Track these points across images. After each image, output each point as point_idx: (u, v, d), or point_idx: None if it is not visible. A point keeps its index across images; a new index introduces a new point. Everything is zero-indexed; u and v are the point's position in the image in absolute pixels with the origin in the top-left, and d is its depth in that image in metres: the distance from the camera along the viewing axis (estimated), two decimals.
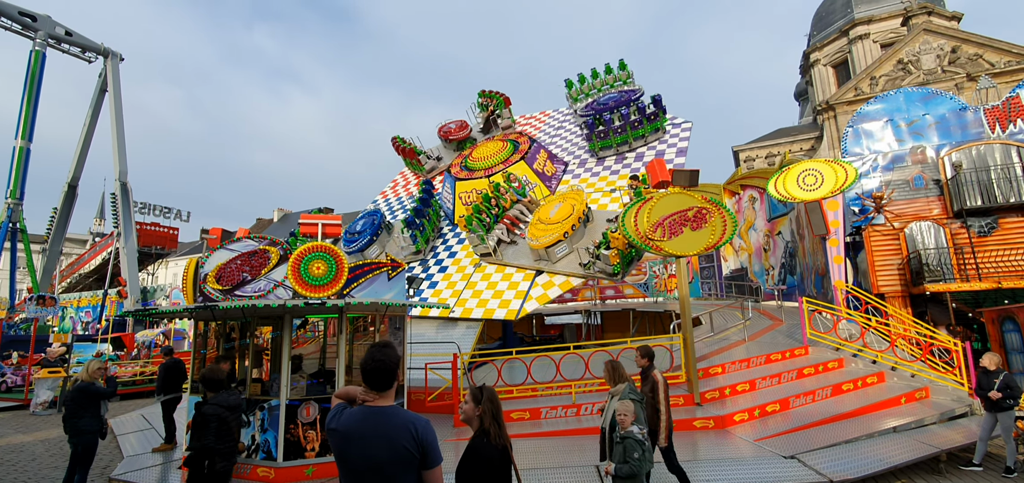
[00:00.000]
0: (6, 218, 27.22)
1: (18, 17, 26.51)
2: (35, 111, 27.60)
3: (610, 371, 5.60)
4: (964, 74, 33.16)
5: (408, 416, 2.73)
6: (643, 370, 6.49)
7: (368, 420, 2.66)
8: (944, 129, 15.41)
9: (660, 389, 6.07)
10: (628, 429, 4.72)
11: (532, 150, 15.70)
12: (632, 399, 5.05)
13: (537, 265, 12.50)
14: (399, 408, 2.77)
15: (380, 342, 2.82)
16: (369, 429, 2.64)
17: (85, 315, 32.11)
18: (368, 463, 2.60)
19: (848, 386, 10.01)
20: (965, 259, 13.82)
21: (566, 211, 12.62)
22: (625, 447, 4.64)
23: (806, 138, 43.67)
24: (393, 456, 2.59)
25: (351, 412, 2.74)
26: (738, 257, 22.73)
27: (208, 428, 5.38)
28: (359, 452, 2.62)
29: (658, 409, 6.00)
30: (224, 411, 5.46)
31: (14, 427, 12.67)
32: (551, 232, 12.29)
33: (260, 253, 8.54)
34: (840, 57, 43.80)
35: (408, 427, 2.66)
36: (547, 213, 13.05)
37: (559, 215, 12.64)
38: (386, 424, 2.64)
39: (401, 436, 2.61)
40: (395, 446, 2.60)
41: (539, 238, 12.36)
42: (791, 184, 13.95)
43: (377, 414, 2.68)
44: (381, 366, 2.71)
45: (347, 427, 2.68)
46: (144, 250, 34.87)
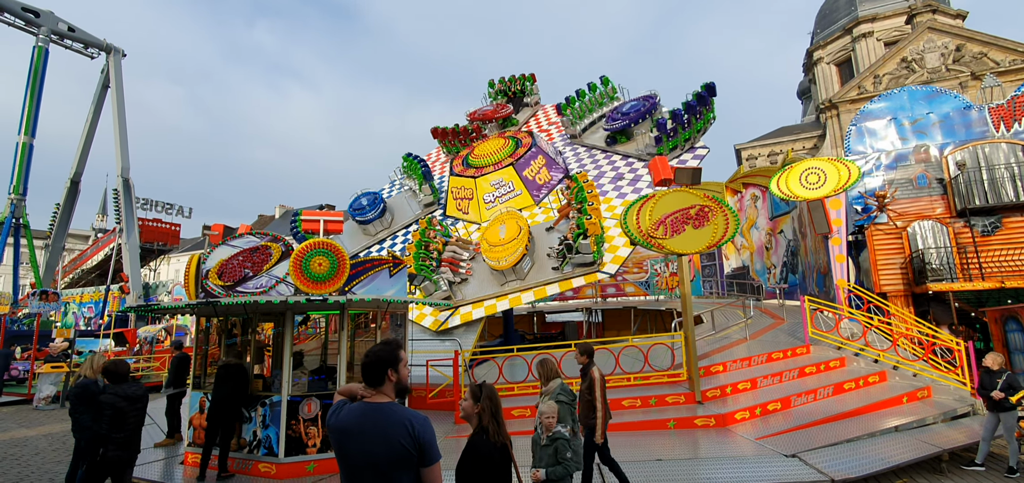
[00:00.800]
0: (9, 214, 27.29)
1: (21, 13, 26.53)
2: (38, 107, 27.64)
3: (540, 369, 5.69)
4: (968, 73, 33.03)
5: (406, 413, 2.72)
6: (582, 367, 6.59)
7: (366, 416, 2.66)
8: (948, 128, 15.35)
9: (597, 386, 6.17)
10: (556, 430, 4.70)
11: (527, 155, 15.49)
12: (560, 399, 5.12)
13: (508, 288, 12.53)
14: (397, 405, 2.76)
15: (384, 340, 2.83)
16: (367, 425, 2.63)
17: (88, 311, 32.23)
18: (366, 459, 2.60)
19: (850, 385, 9.99)
20: (968, 258, 13.78)
21: (514, 230, 12.86)
22: (557, 448, 4.60)
23: (809, 136, 43.57)
24: (390, 453, 2.59)
25: (350, 408, 2.73)
26: (740, 255, 22.70)
27: (102, 416, 5.52)
28: (357, 448, 2.62)
29: (594, 405, 6.08)
30: (121, 401, 5.55)
31: (17, 421, 12.72)
32: (511, 249, 12.41)
33: (262, 249, 8.55)
34: (843, 55, 43.66)
35: (405, 424, 2.65)
36: (496, 236, 13.09)
37: (509, 234, 12.84)
38: (384, 421, 2.64)
39: (398, 433, 2.61)
40: (392, 443, 2.59)
41: (503, 259, 12.42)
42: (793, 183, 13.92)
43: (375, 410, 2.68)
44: (373, 359, 2.73)
45: (346, 423, 2.68)
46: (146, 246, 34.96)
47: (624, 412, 9.34)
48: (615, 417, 9.13)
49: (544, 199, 15.23)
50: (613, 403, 9.36)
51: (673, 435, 8.48)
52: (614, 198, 13.87)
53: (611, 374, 10.02)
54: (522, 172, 15.17)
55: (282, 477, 7.54)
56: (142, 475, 8.00)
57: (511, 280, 12.54)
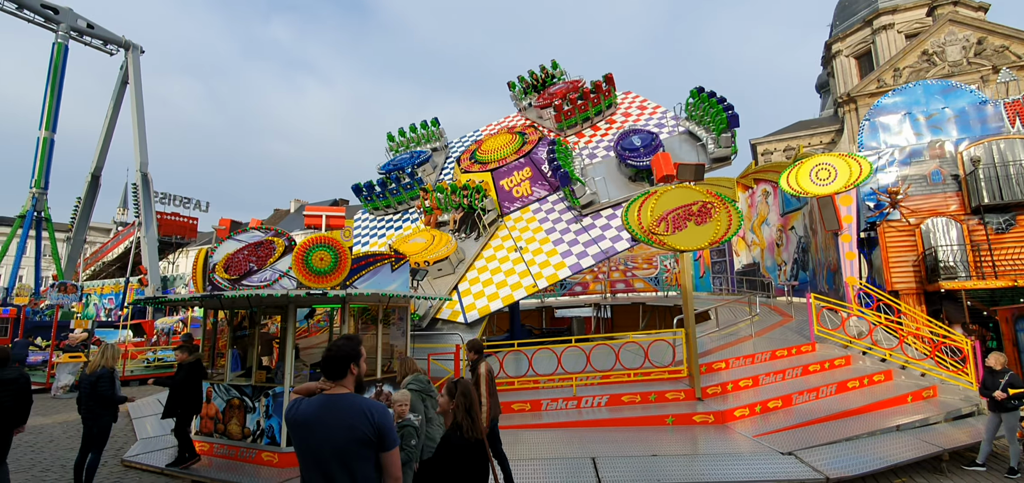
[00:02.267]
0: (31, 207, 28.05)
1: (41, 9, 27.15)
2: (58, 102, 28.33)
3: (400, 366, 5.93)
4: (990, 66, 32.19)
5: (365, 402, 2.86)
6: (472, 363, 6.78)
7: (326, 407, 2.78)
8: (963, 123, 15.01)
9: (483, 380, 6.34)
10: (406, 417, 4.84)
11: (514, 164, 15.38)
12: (410, 388, 5.34)
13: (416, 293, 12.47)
14: (357, 395, 2.92)
15: (345, 334, 2.94)
16: (328, 415, 2.75)
17: (108, 302, 33.04)
18: (330, 447, 2.71)
19: (854, 384, 9.89)
20: (981, 256, 13.50)
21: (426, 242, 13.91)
22: (403, 435, 4.74)
23: (826, 131, 42.87)
24: (352, 439, 2.71)
25: (310, 401, 2.86)
26: (751, 252, 22.49)
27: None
28: (321, 437, 2.73)
29: (480, 399, 6.18)
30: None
31: (35, 410, 13.02)
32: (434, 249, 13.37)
33: (266, 244, 8.72)
34: (863, 48, 42.80)
35: (366, 412, 2.79)
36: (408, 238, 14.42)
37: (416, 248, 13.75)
38: (345, 410, 2.77)
39: (359, 421, 2.74)
40: (354, 430, 2.72)
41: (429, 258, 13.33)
42: (804, 178, 13.76)
43: (335, 401, 2.81)
44: (335, 353, 2.87)
45: (306, 415, 2.79)
46: (165, 239, 35.68)
47: (623, 408, 9.37)
48: (615, 413, 9.22)
49: (513, 212, 15.08)
50: (613, 398, 9.45)
51: (671, 431, 8.49)
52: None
53: (611, 370, 10.05)
54: (499, 181, 15.14)
55: (284, 465, 7.71)
56: (150, 463, 8.26)
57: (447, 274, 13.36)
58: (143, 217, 30.50)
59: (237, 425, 8.24)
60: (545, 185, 14.87)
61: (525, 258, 12.82)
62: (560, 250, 12.49)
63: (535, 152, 15.30)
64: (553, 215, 13.95)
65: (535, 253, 12.83)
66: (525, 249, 13.18)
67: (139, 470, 8.19)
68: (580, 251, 12.18)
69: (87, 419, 6.96)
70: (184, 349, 8.35)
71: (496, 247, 13.87)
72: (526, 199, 14.94)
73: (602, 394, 9.56)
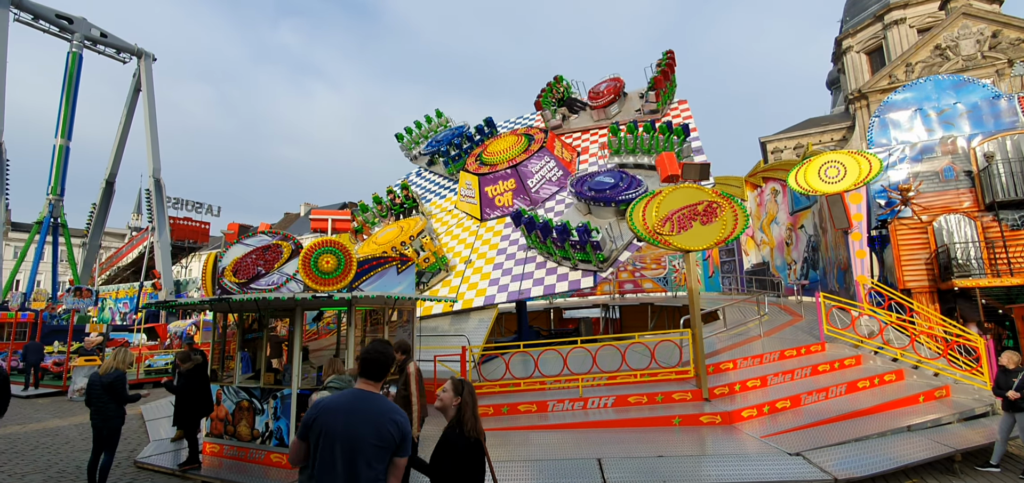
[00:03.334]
0: (48, 214, 28.56)
1: (55, 19, 27.66)
2: (74, 111, 28.83)
3: (326, 366, 5.98)
4: (1005, 60, 31.67)
5: (393, 405, 3.07)
6: (399, 364, 6.79)
7: (359, 400, 3.00)
8: (976, 118, 14.77)
9: (412, 380, 6.37)
10: None
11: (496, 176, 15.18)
12: (330, 386, 5.37)
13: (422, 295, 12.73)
14: (384, 398, 3.12)
15: (381, 339, 3.08)
16: (359, 408, 2.96)
17: (123, 306, 33.55)
18: (352, 438, 2.89)
19: (864, 384, 9.77)
20: (996, 253, 13.28)
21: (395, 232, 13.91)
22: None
23: (837, 128, 42.44)
24: (376, 434, 2.90)
25: (340, 393, 3.10)
26: (760, 251, 22.31)
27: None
28: (345, 426, 2.91)
29: (410, 400, 6.28)
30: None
31: (51, 412, 13.40)
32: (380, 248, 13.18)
33: (273, 247, 8.82)
34: (874, 43, 42.32)
35: (393, 414, 3.00)
36: (377, 235, 14.35)
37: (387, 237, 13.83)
38: (375, 407, 2.98)
39: (386, 420, 2.95)
40: (380, 427, 2.92)
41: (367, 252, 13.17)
42: (812, 176, 13.65)
43: (367, 398, 3.01)
44: (381, 358, 3.09)
45: (336, 403, 2.99)
46: (177, 244, 36.21)
47: (630, 408, 9.34)
48: (621, 413, 9.19)
49: (491, 219, 15.26)
50: (619, 399, 9.43)
51: (677, 432, 8.45)
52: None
53: (618, 370, 10.02)
54: (483, 187, 15.20)
55: (292, 467, 7.77)
56: (162, 464, 8.39)
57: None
58: (156, 222, 30.98)
59: (246, 427, 8.33)
60: (526, 200, 14.98)
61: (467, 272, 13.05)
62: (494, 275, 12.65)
63: (527, 164, 15.20)
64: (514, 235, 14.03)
65: (475, 270, 13.09)
66: (472, 263, 13.38)
67: (152, 471, 8.31)
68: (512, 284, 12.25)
69: (96, 419, 7.06)
70: (183, 358, 8.55)
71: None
72: (506, 209, 15.06)
73: (608, 395, 9.54)
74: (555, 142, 15.84)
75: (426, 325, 12.64)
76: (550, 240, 11.58)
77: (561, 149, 15.99)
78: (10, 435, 10.74)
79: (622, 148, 14.49)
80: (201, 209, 38.74)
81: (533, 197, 14.63)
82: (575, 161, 16.45)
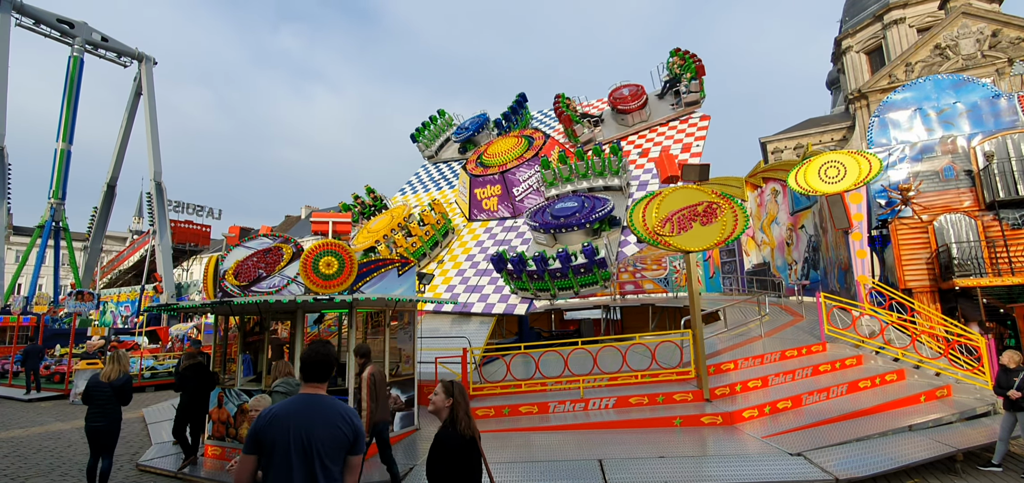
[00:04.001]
0: (50, 217, 28.60)
1: (57, 24, 27.73)
2: (75, 115, 28.89)
3: (273, 368, 6.06)
4: (1005, 59, 31.65)
5: (343, 405, 3.02)
6: (359, 367, 7.01)
7: (309, 404, 2.94)
8: (976, 117, 14.78)
9: (364, 385, 6.52)
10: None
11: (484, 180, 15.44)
12: (276, 391, 5.40)
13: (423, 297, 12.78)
14: (334, 398, 3.07)
15: (321, 340, 3.09)
16: (309, 411, 2.90)
17: (124, 309, 33.57)
18: (306, 440, 2.83)
19: (865, 384, 9.77)
20: (997, 252, 13.27)
21: (386, 220, 14.19)
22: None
23: (837, 128, 42.43)
24: (330, 436, 2.87)
25: (288, 400, 3.01)
26: (761, 251, 22.29)
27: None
28: (298, 432, 2.83)
29: (362, 404, 6.48)
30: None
31: (54, 415, 13.42)
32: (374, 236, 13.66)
33: (274, 250, 8.84)
34: (874, 43, 42.31)
35: (344, 413, 2.98)
36: (369, 225, 14.96)
37: (380, 226, 14.06)
38: (325, 409, 2.94)
39: (338, 420, 2.92)
40: (333, 428, 2.89)
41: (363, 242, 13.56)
42: (812, 176, 13.64)
43: (316, 399, 2.97)
44: (322, 359, 3.04)
45: (285, 411, 2.90)
46: (179, 247, 36.24)
47: (631, 409, 9.34)
48: (622, 414, 9.20)
49: (477, 221, 15.76)
50: (620, 400, 9.43)
51: (679, 433, 8.45)
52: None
53: (618, 371, 10.03)
54: (473, 189, 15.32)
55: None
56: (164, 467, 8.39)
57: None
58: (157, 225, 31.04)
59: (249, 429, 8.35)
60: (509, 207, 15.14)
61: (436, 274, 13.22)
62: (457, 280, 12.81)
63: (516, 171, 15.28)
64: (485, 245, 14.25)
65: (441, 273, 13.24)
66: (443, 263, 13.54)
67: (154, 474, 8.33)
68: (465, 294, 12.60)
69: (99, 420, 7.00)
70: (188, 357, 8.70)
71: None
72: (491, 214, 15.29)
73: (609, 396, 9.55)
74: (554, 148, 15.86)
75: (427, 326, 12.65)
76: (525, 274, 11.49)
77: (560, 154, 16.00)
78: (13, 439, 10.76)
79: (557, 179, 14.46)
80: (202, 212, 38.77)
81: (517, 206, 14.75)
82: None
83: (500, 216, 15.03)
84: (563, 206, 13.17)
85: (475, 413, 9.45)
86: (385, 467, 6.76)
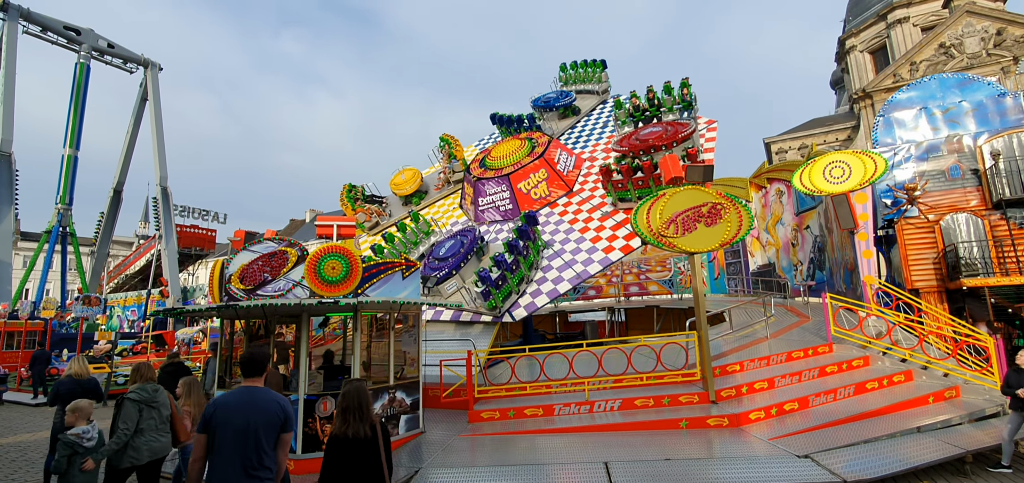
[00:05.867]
0: (57, 223, 28.78)
1: (63, 31, 27.95)
2: (82, 121, 29.10)
3: (133, 372, 6.05)
4: (1010, 57, 31.47)
5: (275, 394, 3.89)
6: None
7: (249, 394, 3.81)
8: (982, 116, 14.69)
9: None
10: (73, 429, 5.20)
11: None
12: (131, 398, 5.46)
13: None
14: (268, 389, 3.94)
15: (258, 344, 3.55)
16: (250, 401, 3.75)
17: (131, 314, 33.75)
18: (248, 424, 3.66)
19: (873, 385, 9.70)
20: (1004, 252, 13.18)
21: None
22: (60, 446, 5.14)
23: (842, 128, 42.27)
24: (266, 420, 3.72)
25: (230, 392, 3.83)
26: (766, 252, 22.21)
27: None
28: (241, 417, 3.66)
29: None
30: None
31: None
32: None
33: (279, 254, 8.86)
34: (878, 42, 42.16)
35: (276, 400, 3.84)
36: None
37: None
38: (261, 398, 3.80)
39: (272, 406, 3.79)
40: (271, 414, 3.75)
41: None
42: (817, 177, 13.58)
43: (255, 392, 3.83)
44: (257, 357, 3.96)
45: (230, 400, 3.75)
46: (184, 251, 36.42)
47: (637, 411, 9.31)
48: (628, 417, 9.17)
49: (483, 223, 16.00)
50: (626, 402, 9.41)
51: (685, 435, 8.42)
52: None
53: (623, 373, 10.00)
54: (516, 184, 15.39)
55: (300, 473, 7.79)
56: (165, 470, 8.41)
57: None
58: (163, 230, 31.21)
59: None
60: (561, 185, 15.15)
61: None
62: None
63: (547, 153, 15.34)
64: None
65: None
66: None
67: None
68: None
69: None
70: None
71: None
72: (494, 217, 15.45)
73: (615, 398, 9.52)
74: (556, 151, 15.82)
75: (432, 330, 12.66)
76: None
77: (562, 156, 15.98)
78: (20, 443, 10.82)
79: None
80: (207, 217, 38.93)
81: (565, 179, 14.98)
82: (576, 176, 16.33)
83: (502, 219, 15.12)
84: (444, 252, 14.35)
85: (480, 416, 9.51)
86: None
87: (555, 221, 14.47)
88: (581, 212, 14.41)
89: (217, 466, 3.60)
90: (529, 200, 15.15)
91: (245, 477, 3.59)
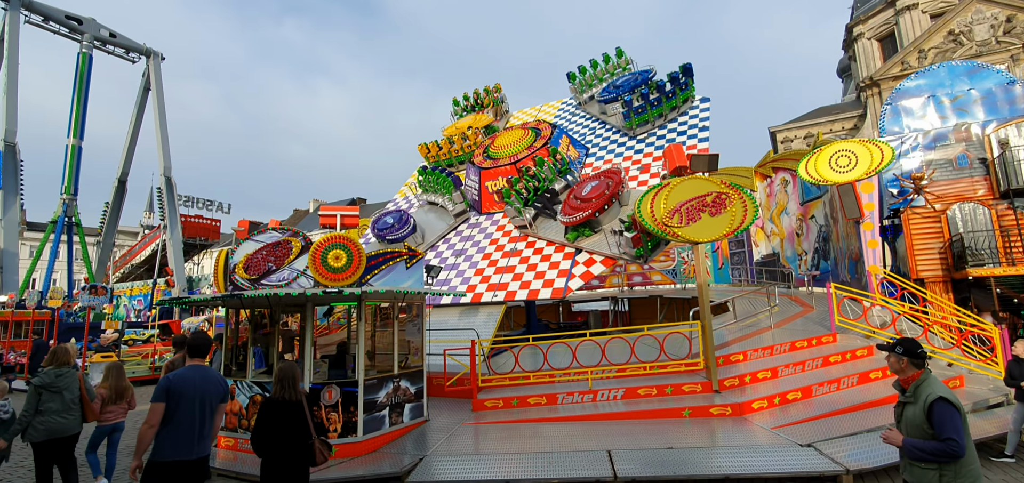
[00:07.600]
0: (62, 213, 28.91)
1: (65, 20, 27.91)
2: (85, 111, 29.12)
3: (49, 356, 6.26)
4: (1020, 44, 31.07)
5: (218, 373, 5.20)
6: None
7: (200, 370, 4.65)
8: (991, 104, 14.53)
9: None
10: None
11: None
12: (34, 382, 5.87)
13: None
14: (212, 367, 5.08)
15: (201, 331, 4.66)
16: (203, 375, 4.62)
17: (137, 303, 33.99)
18: (202, 396, 4.49)
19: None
20: (1011, 241, 13.09)
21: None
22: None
23: (849, 116, 41.90)
24: (218, 393, 4.69)
25: (183, 370, 4.60)
26: (770, 242, 22.14)
27: None
28: (194, 390, 4.45)
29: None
30: None
31: None
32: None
33: (283, 244, 8.89)
34: (886, 30, 41.63)
35: (221, 377, 4.88)
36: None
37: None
38: (212, 376, 4.73)
39: (218, 381, 4.78)
40: (219, 386, 4.75)
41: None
42: (823, 166, 13.45)
43: (204, 368, 4.71)
44: (202, 341, 4.86)
45: (185, 375, 4.52)
46: (189, 241, 36.59)
47: (640, 400, 9.35)
48: (631, 406, 9.20)
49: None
50: (629, 392, 9.45)
51: (687, 424, 8.44)
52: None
53: (627, 363, 10.03)
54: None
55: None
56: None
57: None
58: (168, 220, 31.33)
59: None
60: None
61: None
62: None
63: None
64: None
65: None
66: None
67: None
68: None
69: None
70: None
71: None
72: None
73: (618, 387, 9.55)
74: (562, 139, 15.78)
75: (436, 319, 12.70)
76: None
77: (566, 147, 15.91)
78: None
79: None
80: (211, 207, 39.09)
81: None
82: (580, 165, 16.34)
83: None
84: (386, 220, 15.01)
85: (483, 404, 9.57)
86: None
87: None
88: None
89: (176, 430, 4.31)
90: None
91: (200, 438, 4.44)
